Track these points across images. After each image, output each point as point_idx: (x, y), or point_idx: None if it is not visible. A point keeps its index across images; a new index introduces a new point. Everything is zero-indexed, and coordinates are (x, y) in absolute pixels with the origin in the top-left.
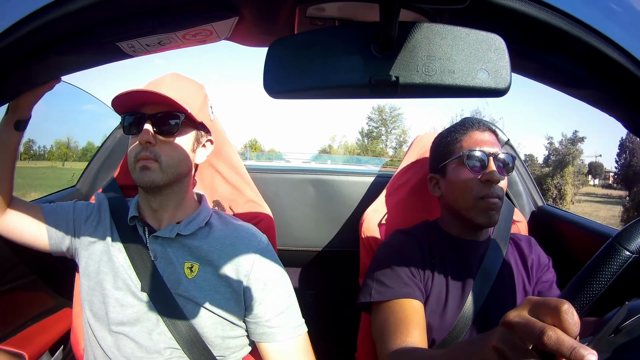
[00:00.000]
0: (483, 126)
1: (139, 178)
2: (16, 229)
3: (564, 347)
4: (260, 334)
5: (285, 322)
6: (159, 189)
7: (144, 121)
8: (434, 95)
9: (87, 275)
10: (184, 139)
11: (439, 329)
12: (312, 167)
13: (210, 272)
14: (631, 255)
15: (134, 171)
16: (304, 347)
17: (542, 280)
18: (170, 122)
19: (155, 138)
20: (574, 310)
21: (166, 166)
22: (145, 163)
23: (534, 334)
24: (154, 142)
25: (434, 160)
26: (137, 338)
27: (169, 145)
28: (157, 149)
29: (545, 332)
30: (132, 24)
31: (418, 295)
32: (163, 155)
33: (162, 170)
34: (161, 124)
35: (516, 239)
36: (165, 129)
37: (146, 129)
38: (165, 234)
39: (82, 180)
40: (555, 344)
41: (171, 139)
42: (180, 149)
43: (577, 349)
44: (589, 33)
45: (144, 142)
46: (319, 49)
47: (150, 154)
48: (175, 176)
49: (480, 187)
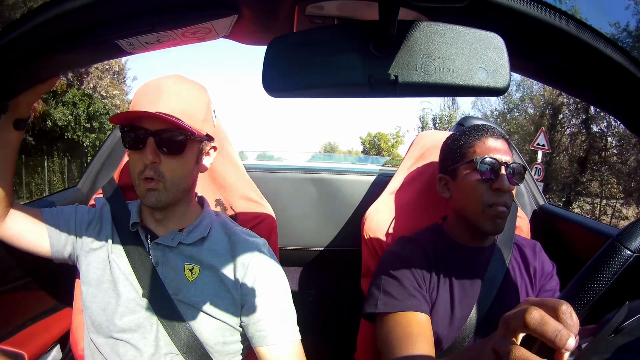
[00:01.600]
0: (497, 133)
1: (144, 199)
2: (16, 236)
3: (548, 327)
4: (253, 337)
5: (279, 327)
6: (165, 206)
7: (146, 138)
8: (433, 94)
9: (88, 282)
10: (189, 155)
11: (445, 337)
12: (313, 166)
13: (210, 276)
14: (632, 255)
15: (138, 188)
16: (297, 353)
17: (546, 289)
18: (175, 139)
19: (159, 157)
20: (572, 310)
21: (171, 184)
22: (150, 185)
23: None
24: (159, 161)
25: (445, 161)
26: (137, 344)
27: (174, 163)
28: (161, 168)
29: (529, 311)
30: (132, 22)
31: (424, 308)
32: (167, 173)
33: (167, 189)
34: (165, 141)
35: (521, 244)
36: (170, 147)
37: (150, 148)
38: (167, 242)
39: (83, 181)
40: (538, 324)
41: (176, 157)
42: (185, 165)
43: (562, 332)
44: (588, 33)
45: (149, 162)
46: (318, 48)
47: (154, 174)
48: (181, 192)
49: (490, 195)
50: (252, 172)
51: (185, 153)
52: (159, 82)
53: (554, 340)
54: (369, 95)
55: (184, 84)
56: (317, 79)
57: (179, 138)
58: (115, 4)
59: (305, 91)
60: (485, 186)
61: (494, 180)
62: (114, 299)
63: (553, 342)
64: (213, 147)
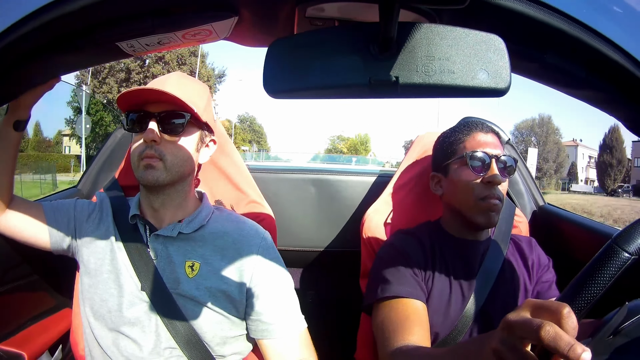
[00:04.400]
0: (486, 128)
1: (142, 176)
2: (17, 227)
3: (561, 342)
4: (261, 330)
5: (286, 319)
6: (162, 188)
7: (149, 119)
8: (433, 95)
9: (88, 273)
10: (189, 139)
11: (441, 328)
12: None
13: (211, 271)
14: (630, 257)
15: (137, 169)
16: (304, 342)
17: (542, 281)
18: (176, 121)
19: (160, 137)
20: (573, 314)
21: (170, 165)
22: (150, 162)
23: (532, 330)
24: (159, 141)
25: (437, 159)
26: (136, 338)
27: (173, 145)
28: (162, 148)
29: (543, 327)
30: (132, 24)
31: (420, 296)
32: (168, 154)
33: (166, 169)
34: (167, 123)
35: (517, 239)
36: (171, 128)
37: (151, 128)
38: (166, 233)
39: (84, 181)
40: (552, 340)
41: (176, 139)
42: (185, 148)
43: (574, 346)
44: (588, 33)
45: (149, 141)
46: (319, 49)
47: (155, 153)
48: (179, 175)
49: (482, 188)
50: (252, 173)
51: (185, 134)
52: (163, 77)
53: (568, 354)
54: (370, 97)
55: (187, 78)
56: (318, 80)
57: (180, 120)
58: (116, 6)
59: (305, 92)
60: (477, 180)
61: (485, 173)
62: (116, 290)
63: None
64: (212, 140)
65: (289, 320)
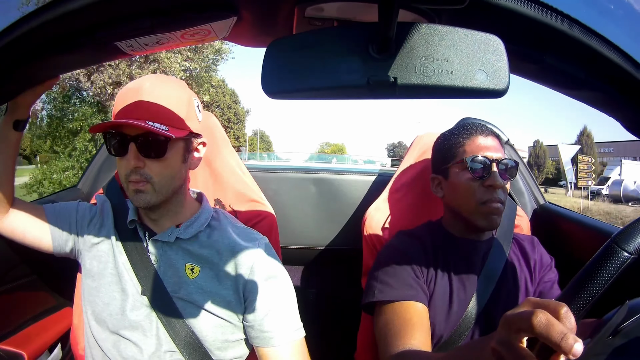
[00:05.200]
0: (486, 131)
1: (133, 200)
2: (18, 230)
3: (553, 331)
4: (256, 337)
5: (282, 327)
6: (156, 207)
7: (127, 144)
8: (432, 96)
9: (91, 276)
10: (174, 154)
11: (443, 328)
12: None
13: (210, 275)
14: (630, 257)
15: (127, 191)
16: (300, 352)
17: (544, 280)
18: (157, 144)
19: (142, 160)
20: (571, 313)
21: (159, 187)
22: (137, 186)
23: (525, 319)
24: (143, 165)
25: (436, 161)
26: (137, 341)
27: (158, 164)
28: (147, 170)
29: (536, 315)
30: (131, 24)
31: (422, 298)
32: (154, 176)
33: (155, 191)
34: (147, 147)
35: (519, 239)
36: (152, 152)
37: (132, 154)
38: (164, 238)
39: (84, 180)
40: (545, 328)
41: (160, 159)
42: (171, 165)
43: (567, 335)
44: (588, 34)
45: (132, 168)
46: (318, 50)
47: (140, 177)
48: (171, 192)
49: (483, 192)
50: (252, 172)
51: (168, 155)
52: (137, 84)
53: (560, 344)
54: (368, 97)
55: (161, 84)
56: (316, 81)
57: (160, 141)
58: (115, 6)
59: (304, 93)
60: (478, 184)
61: (486, 177)
62: (119, 294)
63: (559, 345)
64: (202, 143)
65: (286, 330)
